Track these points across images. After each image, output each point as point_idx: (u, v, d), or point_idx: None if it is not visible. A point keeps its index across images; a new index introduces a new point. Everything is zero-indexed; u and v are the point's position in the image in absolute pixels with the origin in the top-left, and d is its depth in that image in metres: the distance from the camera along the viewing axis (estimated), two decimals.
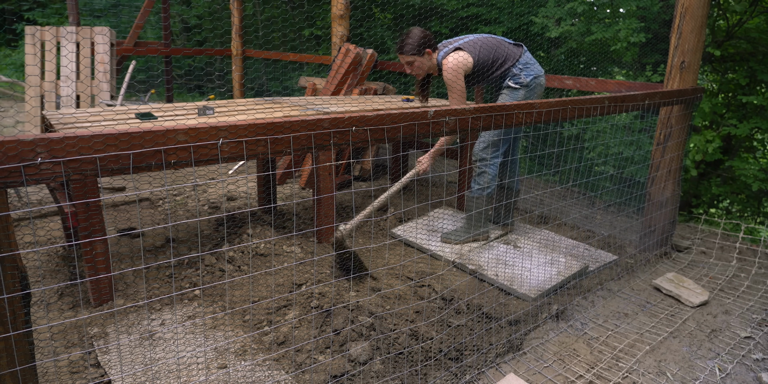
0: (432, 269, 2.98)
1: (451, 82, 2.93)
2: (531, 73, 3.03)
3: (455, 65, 2.89)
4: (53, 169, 1.14)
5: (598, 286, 2.88)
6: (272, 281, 2.77)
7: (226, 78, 8.86)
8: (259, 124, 1.38)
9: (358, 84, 4.61)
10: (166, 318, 2.40)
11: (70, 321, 2.34)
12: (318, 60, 5.83)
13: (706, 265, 3.23)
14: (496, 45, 3.05)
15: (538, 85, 3.06)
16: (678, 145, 3.24)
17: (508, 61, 3.03)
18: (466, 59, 2.93)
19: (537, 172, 4.88)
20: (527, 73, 3.02)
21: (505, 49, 3.05)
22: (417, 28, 3.04)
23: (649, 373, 2.15)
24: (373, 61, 4.67)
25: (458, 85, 2.92)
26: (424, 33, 3.01)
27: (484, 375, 2.09)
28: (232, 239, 3.14)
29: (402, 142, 4.31)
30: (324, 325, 2.30)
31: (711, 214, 4.65)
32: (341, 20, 4.88)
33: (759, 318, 2.61)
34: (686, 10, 3.00)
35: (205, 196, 4.11)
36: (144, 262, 2.88)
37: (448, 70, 2.91)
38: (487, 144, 3.13)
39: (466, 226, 3.35)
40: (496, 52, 3.02)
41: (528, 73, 3.02)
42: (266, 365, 2.09)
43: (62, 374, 2.02)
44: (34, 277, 2.73)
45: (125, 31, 6.31)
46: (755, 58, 4.03)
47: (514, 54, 3.05)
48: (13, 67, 11.09)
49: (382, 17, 6.66)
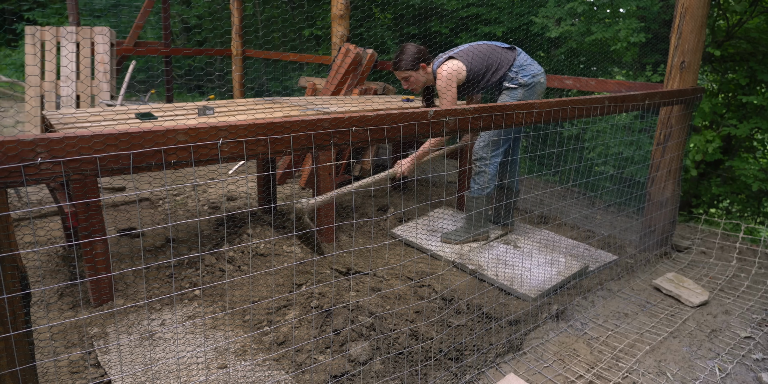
0: (432, 269, 2.98)
1: (444, 89, 2.97)
2: (528, 73, 3.03)
3: (448, 74, 2.94)
4: (53, 169, 1.14)
5: (598, 286, 2.88)
6: (272, 281, 2.77)
7: (226, 78, 8.86)
8: (259, 124, 1.38)
9: (358, 84, 4.61)
10: (166, 318, 2.40)
11: (70, 321, 2.34)
12: (318, 60, 5.83)
13: (706, 265, 3.23)
14: (489, 52, 3.06)
15: (537, 83, 3.06)
16: (678, 145, 3.24)
17: (503, 67, 3.05)
18: (460, 68, 2.97)
19: (537, 172, 4.88)
20: (524, 74, 3.03)
21: (498, 55, 3.07)
22: (411, 44, 3.09)
23: (649, 373, 2.15)
24: (373, 61, 4.67)
25: (450, 92, 2.96)
26: (417, 48, 3.06)
27: (484, 375, 2.09)
28: (232, 239, 3.14)
29: (402, 142, 4.31)
30: (324, 325, 2.30)
31: (711, 214, 4.65)
32: (341, 20, 4.88)
33: (759, 318, 2.61)
34: (686, 10, 3.00)
35: (205, 196, 4.11)
36: (144, 262, 2.88)
37: (441, 79, 2.96)
38: (487, 143, 3.13)
39: (466, 226, 3.35)
40: (489, 58, 3.04)
41: (525, 74, 3.03)
42: (266, 365, 2.09)
43: (62, 374, 2.02)
44: (34, 277, 2.73)
45: (125, 31, 6.31)
46: (755, 58, 4.03)
47: (508, 59, 3.06)
48: (13, 67, 11.09)
49: (382, 17, 6.66)
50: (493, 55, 3.06)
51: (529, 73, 3.03)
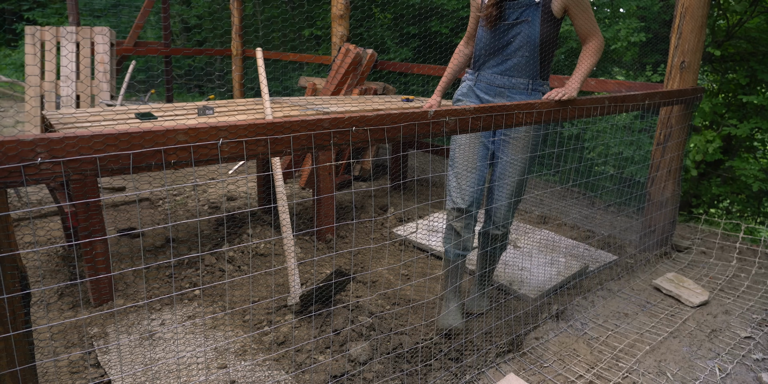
0: (432, 269, 2.98)
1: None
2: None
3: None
4: (53, 169, 1.14)
5: (598, 286, 2.88)
6: (272, 281, 2.76)
7: (226, 78, 8.86)
8: (259, 124, 1.38)
9: (358, 84, 4.61)
10: (166, 318, 2.40)
11: (70, 321, 2.34)
12: (318, 60, 5.83)
13: (706, 265, 3.23)
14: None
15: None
16: (678, 145, 3.24)
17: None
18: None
19: (537, 172, 4.88)
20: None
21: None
22: None
23: (649, 373, 2.15)
24: (373, 61, 4.67)
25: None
26: None
27: (484, 375, 2.09)
28: (232, 239, 3.14)
29: (402, 142, 4.31)
30: (324, 325, 2.30)
31: (711, 214, 4.65)
32: (341, 20, 4.88)
33: (759, 318, 2.61)
34: (686, 10, 3.00)
35: (205, 196, 4.11)
36: (144, 262, 2.88)
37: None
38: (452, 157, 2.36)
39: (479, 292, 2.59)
40: None
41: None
42: (266, 365, 2.09)
43: (62, 374, 2.01)
44: (34, 277, 2.73)
45: (125, 31, 6.31)
46: (755, 57, 4.03)
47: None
48: (13, 67, 11.09)
49: (382, 17, 6.66)
50: None
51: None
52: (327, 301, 2.40)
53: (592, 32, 2.20)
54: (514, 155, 2.28)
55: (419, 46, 6.14)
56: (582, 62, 2.22)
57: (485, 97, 2.31)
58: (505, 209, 2.33)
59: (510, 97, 2.28)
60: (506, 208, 2.33)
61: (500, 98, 2.29)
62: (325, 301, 2.39)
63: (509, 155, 2.28)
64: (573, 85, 2.18)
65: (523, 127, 2.24)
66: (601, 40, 2.22)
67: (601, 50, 2.23)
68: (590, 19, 2.19)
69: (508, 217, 2.35)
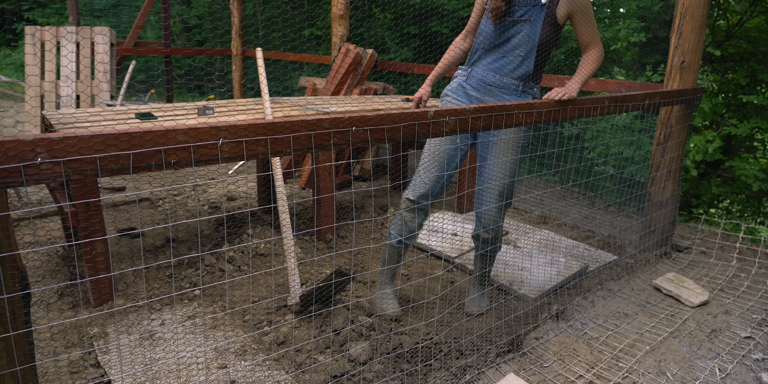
0: (432, 269, 2.98)
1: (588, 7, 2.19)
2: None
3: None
4: (53, 169, 1.14)
5: (598, 286, 2.88)
6: (272, 281, 2.77)
7: (226, 78, 8.86)
8: (259, 124, 1.38)
9: (358, 84, 4.61)
10: (166, 318, 2.40)
11: (70, 321, 2.34)
12: (318, 60, 5.83)
13: (706, 265, 3.23)
14: None
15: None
16: (678, 145, 3.24)
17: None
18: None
19: (537, 172, 4.88)
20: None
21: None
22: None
23: (649, 373, 2.15)
24: (373, 61, 4.67)
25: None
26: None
27: (484, 375, 2.09)
28: (232, 239, 3.14)
29: (402, 142, 4.31)
30: (324, 325, 2.30)
31: (711, 214, 4.65)
32: (341, 20, 4.88)
33: (759, 318, 2.61)
34: (686, 10, 3.00)
35: (205, 196, 4.11)
36: (144, 262, 2.88)
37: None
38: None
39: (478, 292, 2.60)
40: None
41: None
42: (266, 365, 2.09)
43: (62, 374, 2.02)
44: (34, 277, 2.73)
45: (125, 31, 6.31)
46: (755, 57, 4.03)
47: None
48: (13, 67, 11.09)
49: (382, 17, 6.66)
50: None
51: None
52: (327, 301, 2.40)
53: (593, 42, 2.23)
54: (501, 157, 2.28)
55: (419, 46, 6.14)
56: (583, 67, 2.24)
57: (474, 94, 2.31)
58: (493, 212, 2.33)
59: (500, 96, 2.28)
60: (495, 211, 2.33)
61: (489, 97, 2.29)
62: (325, 301, 2.40)
63: (496, 157, 2.29)
64: (573, 86, 2.19)
65: (512, 129, 2.25)
66: (601, 50, 2.25)
67: (601, 60, 2.25)
68: (593, 29, 2.21)
69: (498, 220, 2.35)
